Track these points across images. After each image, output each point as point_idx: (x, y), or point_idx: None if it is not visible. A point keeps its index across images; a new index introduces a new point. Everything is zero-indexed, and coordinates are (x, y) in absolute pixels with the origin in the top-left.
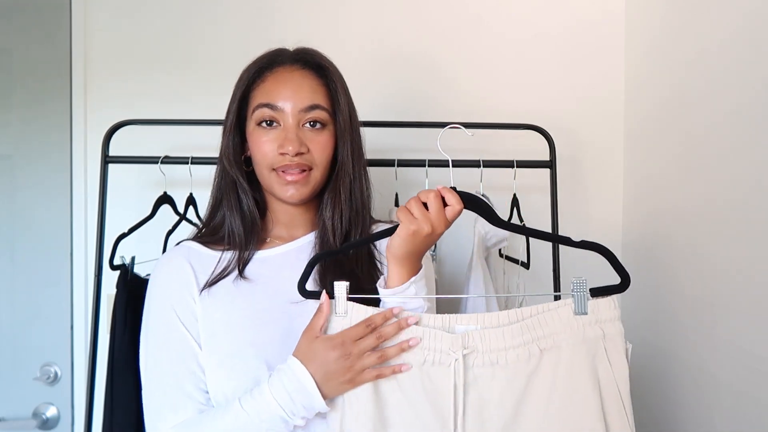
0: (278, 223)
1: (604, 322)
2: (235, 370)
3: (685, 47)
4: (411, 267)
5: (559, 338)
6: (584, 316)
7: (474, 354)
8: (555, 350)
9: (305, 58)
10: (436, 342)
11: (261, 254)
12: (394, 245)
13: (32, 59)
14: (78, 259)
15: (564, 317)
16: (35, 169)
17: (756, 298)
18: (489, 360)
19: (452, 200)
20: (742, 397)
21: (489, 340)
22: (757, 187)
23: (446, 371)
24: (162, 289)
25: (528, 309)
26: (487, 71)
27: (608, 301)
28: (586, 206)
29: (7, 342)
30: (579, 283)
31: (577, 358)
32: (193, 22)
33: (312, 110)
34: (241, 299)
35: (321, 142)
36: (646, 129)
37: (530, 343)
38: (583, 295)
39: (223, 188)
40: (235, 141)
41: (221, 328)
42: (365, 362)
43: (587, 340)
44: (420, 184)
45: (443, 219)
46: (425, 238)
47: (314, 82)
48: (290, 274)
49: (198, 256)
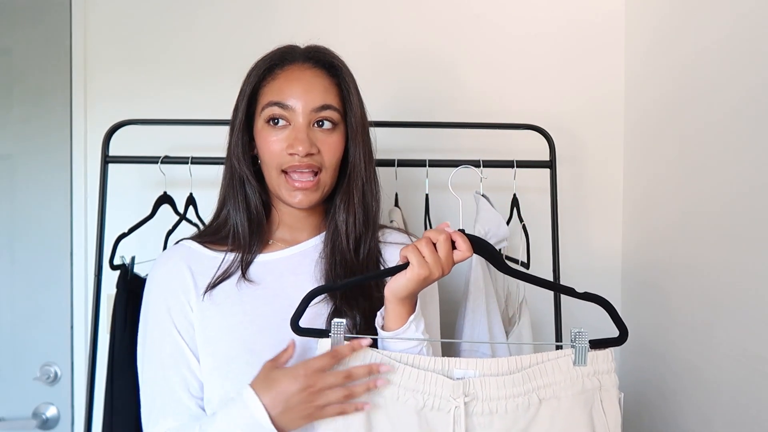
0: (282, 225)
1: (602, 374)
2: (229, 377)
3: (685, 47)
4: (410, 305)
5: (559, 388)
6: (583, 367)
7: (474, 402)
8: (554, 400)
9: (317, 56)
10: (437, 387)
11: (263, 257)
12: (399, 287)
13: (32, 59)
14: (78, 259)
15: (564, 368)
16: (35, 169)
17: (756, 298)
18: (488, 408)
19: (463, 246)
20: (741, 398)
21: (489, 388)
22: (757, 186)
23: (445, 417)
24: (158, 291)
25: (527, 358)
26: (487, 71)
27: (606, 353)
28: (586, 206)
29: (7, 342)
30: (580, 335)
31: (576, 409)
32: (193, 22)
33: (323, 110)
34: (240, 304)
35: (332, 143)
36: (645, 129)
37: (530, 392)
38: (583, 347)
39: (231, 186)
40: (244, 139)
41: (219, 333)
42: (329, 397)
43: (585, 391)
44: (420, 183)
45: (451, 263)
46: (432, 279)
47: (326, 81)
48: (293, 280)
49: (197, 257)
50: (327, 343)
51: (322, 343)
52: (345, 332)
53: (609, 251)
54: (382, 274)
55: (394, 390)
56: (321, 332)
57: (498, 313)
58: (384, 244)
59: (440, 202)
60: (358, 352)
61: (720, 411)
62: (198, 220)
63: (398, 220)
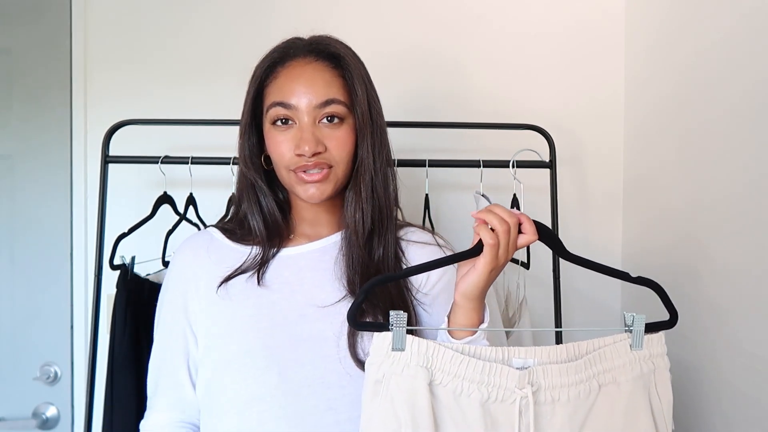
0: (303, 220)
1: (656, 357)
2: (242, 372)
3: (685, 47)
4: (479, 307)
5: (618, 373)
6: (639, 351)
7: (538, 391)
8: (613, 386)
9: (318, 48)
10: (501, 378)
11: (284, 252)
12: (469, 287)
13: (32, 59)
14: (78, 259)
15: (622, 352)
16: (35, 169)
17: (758, 297)
18: (551, 397)
19: (529, 230)
20: (741, 398)
21: (552, 376)
22: (757, 186)
23: (509, 409)
24: (175, 276)
25: (584, 344)
26: (487, 71)
27: (659, 336)
28: (586, 206)
29: (7, 342)
30: (637, 319)
31: (636, 394)
32: (193, 22)
33: (328, 105)
34: (257, 298)
35: (339, 137)
36: (646, 129)
37: (590, 379)
38: (640, 331)
39: (243, 190)
40: (252, 141)
41: (234, 326)
42: None
43: (643, 374)
44: (420, 183)
45: (515, 249)
46: (500, 267)
47: (328, 74)
48: (311, 276)
49: (218, 247)
50: (387, 336)
51: (382, 336)
52: (406, 324)
53: (609, 251)
54: (454, 258)
55: (458, 383)
56: (381, 326)
57: (498, 313)
58: (407, 243)
59: (440, 202)
60: (416, 345)
61: (720, 411)
62: (198, 220)
63: None
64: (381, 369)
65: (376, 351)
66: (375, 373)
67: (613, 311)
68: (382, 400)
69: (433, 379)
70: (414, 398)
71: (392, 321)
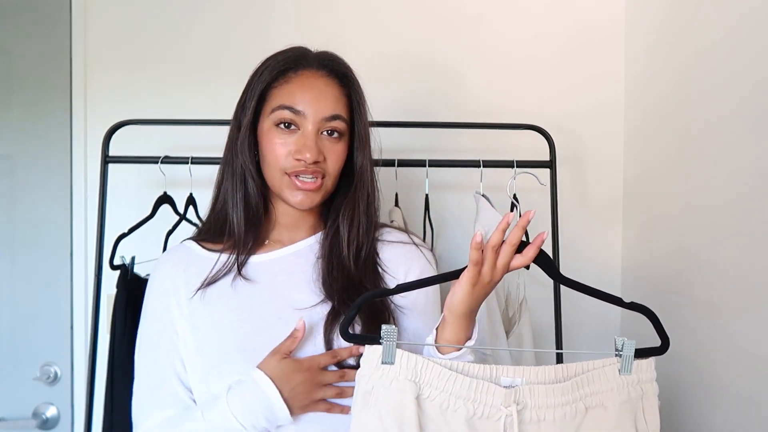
0: (279, 225)
1: (645, 383)
2: (222, 375)
3: (685, 47)
4: (469, 323)
5: (605, 397)
6: (628, 376)
7: (524, 410)
8: (600, 409)
9: (331, 65)
10: (487, 395)
11: (258, 258)
12: (455, 303)
13: (32, 59)
14: (78, 259)
15: (611, 376)
16: (35, 169)
17: (757, 297)
18: (536, 416)
19: (529, 255)
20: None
21: (538, 396)
22: (757, 186)
23: (494, 426)
24: (156, 290)
25: (573, 366)
26: (487, 71)
27: (649, 362)
28: (586, 206)
29: (7, 342)
30: (627, 345)
31: (622, 418)
32: (193, 23)
33: (333, 120)
34: (234, 303)
35: (337, 151)
36: (646, 129)
37: (577, 401)
38: (630, 357)
39: (231, 181)
40: (250, 137)
41: (213, 332)
42: (326, 393)
43: (630, 399)
44: (420, 183)
45: (505, 270)
46: (486, 285)
47: (338, 91)
48: (287, 280)
49: (194, 258)
50: (377, 349)
51: (372, 349)
52: (396, 338)
53: (609, 251)
54: (447, 276)
55: (445, 398)
56: (371, 339)
57: (498, 313)
58: (382, 243)
59: (440, 202)
60: (405, 359)
61: (720, 411)
62: (198, 220)
63: (398, 220)
64: (370, 381)
65: (366, 363)
66: (365, 384)
67: (614, 311)
68: (370, 412)
69: (421, 393)
70: (401, 411)
71: (383, 335)
